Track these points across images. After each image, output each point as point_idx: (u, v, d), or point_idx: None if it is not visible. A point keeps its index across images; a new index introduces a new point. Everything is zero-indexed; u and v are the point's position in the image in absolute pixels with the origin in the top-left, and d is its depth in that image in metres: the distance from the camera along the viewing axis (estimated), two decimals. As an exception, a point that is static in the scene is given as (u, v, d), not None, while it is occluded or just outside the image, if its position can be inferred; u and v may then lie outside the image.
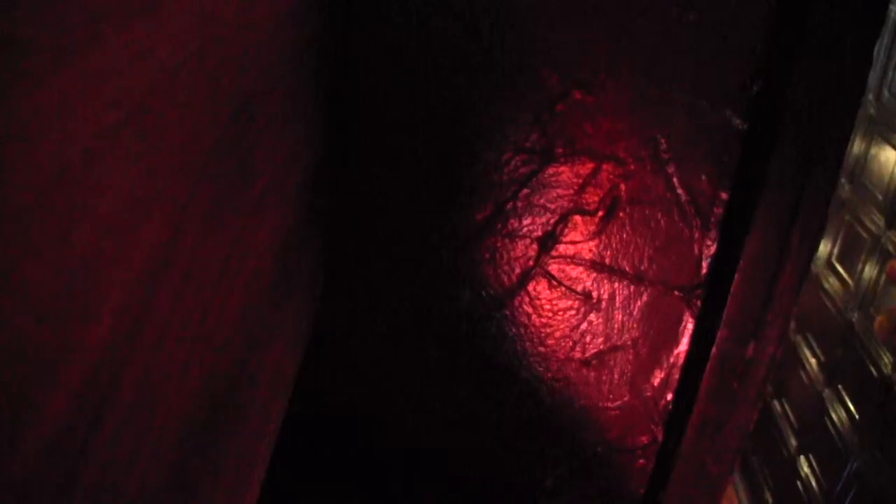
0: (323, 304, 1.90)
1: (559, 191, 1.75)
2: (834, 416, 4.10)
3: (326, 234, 1.82)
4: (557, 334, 1.86)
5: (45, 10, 0.57)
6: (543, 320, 1.85)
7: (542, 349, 1.87)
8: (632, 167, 1.71)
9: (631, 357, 1.86)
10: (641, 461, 1.95)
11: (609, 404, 1.91)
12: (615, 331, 1.84)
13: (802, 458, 4.36)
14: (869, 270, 3.98)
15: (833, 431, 4.09)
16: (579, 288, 1.82)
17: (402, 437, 2.06)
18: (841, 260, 4.28)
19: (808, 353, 4.45)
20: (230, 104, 1.02)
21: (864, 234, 4.03)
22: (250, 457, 1.48)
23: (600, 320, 1.84)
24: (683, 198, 1.71)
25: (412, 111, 1.72)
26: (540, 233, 1.79)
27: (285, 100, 1.33)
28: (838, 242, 4.29)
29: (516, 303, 1.85)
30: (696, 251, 1.74)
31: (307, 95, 1.50)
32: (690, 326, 1.80)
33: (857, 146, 4.09)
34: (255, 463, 1.52)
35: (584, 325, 1.84)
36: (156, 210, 0.80)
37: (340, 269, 1.88)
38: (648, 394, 1.88)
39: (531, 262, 1.81)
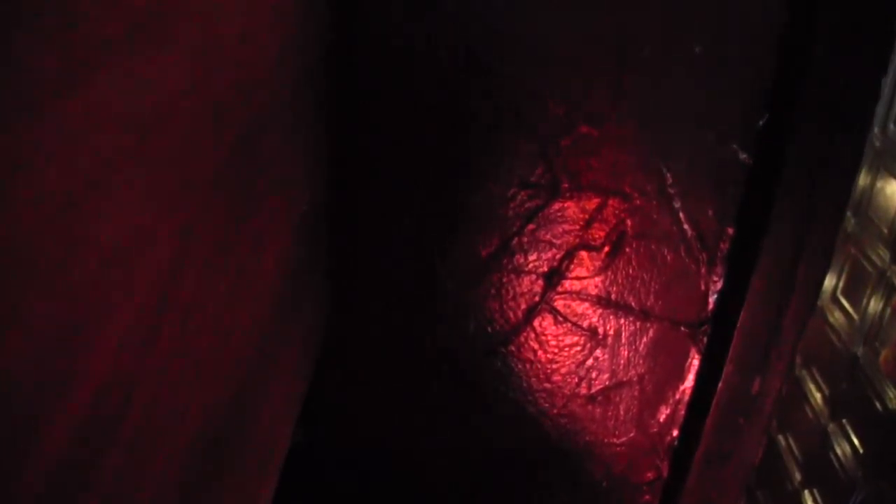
0: (327, 335, 1.89)
1: (565, 226, 1.74)
2: (839, 450, 4.08)
3: (331, 267, 1.81)
4: (563, 370, 1.85)
5: (49, 37, 0.56)
6: (549, 356, 1.84)
7: (547, 385, 1.86)
8: (638, 202, 1.70)
9: (637, 393, 1.85)
10: (647, 497, 1.94)
11: (615, 440, 1.89)
12: (621, 367, 1.83)
13: (807, 492, 4.33)
14: (874, 304, 3.97)
15: (838, 465, 4.06)
16: (585, 324, 1.81)
17: (406, 469, 2.04)
18: (846, 294, 4.26)
19: (812, 387, 4.43)
20: (234, 132, 1.02)
21: (870, 268, 4.01)
22: (255, 486, 1.46)
23: (606, 356, 1.83)
24: (690, 233, 1.70)
25: (417, 142, 1.72)
26: (546, 268, 1.78)
27: (289, 128, 1.32)
28: (843, 276, 4.28)
29: (522, 338, 1.84)
30: (703, 286, 1.73)
31: (311, 124, 1.50)
32: (696, 362, 1.79)
33: (862, 179, 4.08)
34: (260, 493, 1.51)
35: (589, 361, 1.83)
36: (160, 238, 0.80)
37: (345, 301, 1.88)
38: (654, 430, 1.87)
39: (537, 298, 1.81)
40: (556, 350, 1.84)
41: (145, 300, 0.78)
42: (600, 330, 1.81)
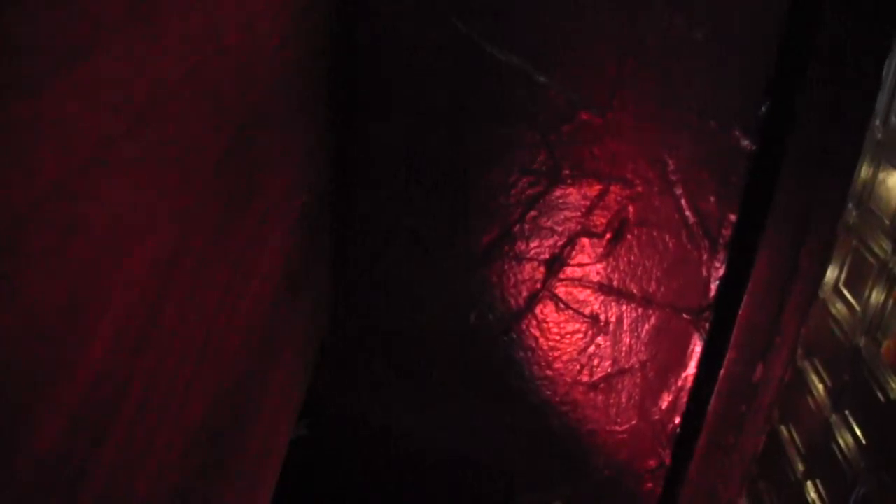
0: (329, 325, 1.89)
1: (566, 213, 1.73)
2: (841, 441, 4.07)
3: (332, 256, 1.81)
4: (565, 357, 1.84)
5: (45, 14, 0.56)
6: (551, 343, 1.84)
7: (549, 372, 1.86)
8: (640, 189, 1.70)
9: (639, 380, 1.84)
10: (649, 485, 1.94)
11: (617, 427, 1.89)
12: (623, 354, 1.82)
13: (809, 483, 4.32)
14: (876, 295, 3.95)
15: (840, 457, 4.05)
16: (587, 311, 1.81)
17: (408, 460, 2.04)
18: (848, 285, 4.25)
19: (814, 378, 4.41)
20: (234, 120, 1.01)
21: (871, 260, 4.00)
22: (256, 479, 1.46)
23: (608, 343, 1.82)
24: (692, 219, 1.70)
25: (417, 131, 1.72)
26: (547, 255, 1.77)
27: (290, 118, 1.32)
28: (845, 268, 4.27)
29: (523, 326, 1.83)
30: (705, 273, 1.73)
31: (312, 113, 1.49)
32: (698, 349, 1.79)
33: (863, 171, 4.07)
34: (260, 486, 1.51)
35: (591, 349, 1.83)
36: (158, 225, 0.79)
37: (345, 291, 1.87)
38: (656, 417, 1.86)
39: (538, 285, 1.80)
40: (557, 337, 1.83)
41: (142, 288, 0.78)
42: (602, 317, 1.80)
